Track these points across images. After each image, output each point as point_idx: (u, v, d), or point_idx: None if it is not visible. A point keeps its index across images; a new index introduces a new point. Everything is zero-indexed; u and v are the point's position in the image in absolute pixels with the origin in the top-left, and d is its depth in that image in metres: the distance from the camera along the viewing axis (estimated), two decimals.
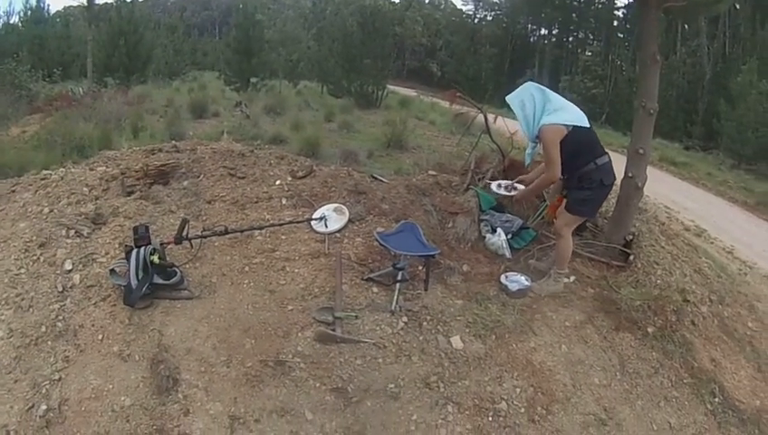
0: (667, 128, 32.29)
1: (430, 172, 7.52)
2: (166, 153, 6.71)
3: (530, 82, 5.27)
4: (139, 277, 4.53)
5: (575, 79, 50.65)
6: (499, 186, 5.81)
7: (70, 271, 4.80)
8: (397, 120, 14.29)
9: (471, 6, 75.07)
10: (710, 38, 39.16)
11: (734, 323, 5.84)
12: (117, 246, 5.04)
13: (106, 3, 32.40)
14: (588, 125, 5.09)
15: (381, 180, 6.87)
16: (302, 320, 4.62)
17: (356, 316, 4.63)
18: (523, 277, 5.46)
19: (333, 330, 4.44)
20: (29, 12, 37.69)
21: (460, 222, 6.17)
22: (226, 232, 5.15)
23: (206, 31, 67.61)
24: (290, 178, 6.47)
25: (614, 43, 56.10)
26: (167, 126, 13.31)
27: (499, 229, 6.13)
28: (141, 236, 4.74)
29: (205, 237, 5.12)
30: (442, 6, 79.14)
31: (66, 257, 4.90)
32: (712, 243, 10.66)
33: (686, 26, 40.41)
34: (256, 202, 6.01)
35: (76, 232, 5.18)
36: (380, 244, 5.18)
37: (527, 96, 5.09)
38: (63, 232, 5.15)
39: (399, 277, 4.90)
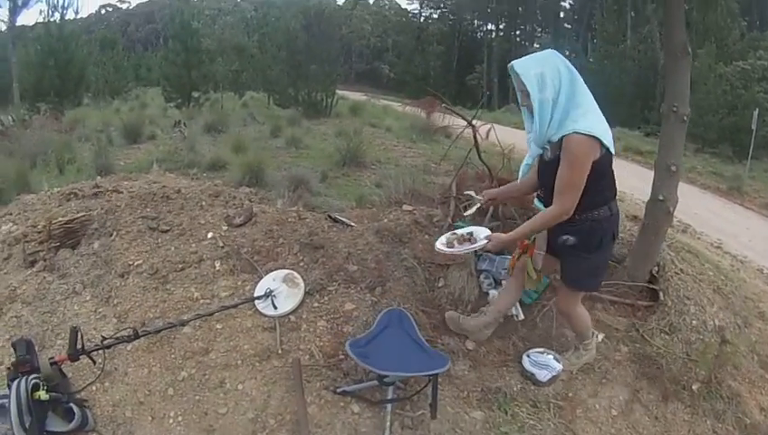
0: (624, 115, 32.69)
1: (405, 207, 5.97)
2: (80, 200, 5.68)
3: (553, 52, 3.43)
4: (26, 425, 3.21)
5: None
6: (450, 243, 3.81)
7: None
8: (350, 131, 13.34)
9: (416, 5, 76.44)
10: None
11: (764, 347, 5.18)
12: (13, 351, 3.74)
13: (38, 21, 30.65)
14: (613, 150, 3.43)
15: (344, 222, 5.36)
16: None
17: None
18: (551, 357, 4.17)
19: None
20: None
21: (453, 277, 4.76)
22: (136, 336, 3.75)
23: (150, 45, 66.63)
24: (225, 228, 5.06)
25: (562, 34, 57.87)
26: (94, 157, 11.89)
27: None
28: (21, 361, 3.47)
29: (108, 347, 3.72)
30: (387, 6, 79.47)
31: None
32: (699, 238, 10.63)
33: (633, 13, 41.20)
34: (182, 270, 4.59)
35: None
36: (357, 362, 3.56)
37: (551, 70, 3.32)
38: None
39: (390, 396, 3.45)
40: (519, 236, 3.70)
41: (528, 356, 4.18)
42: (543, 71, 3.31)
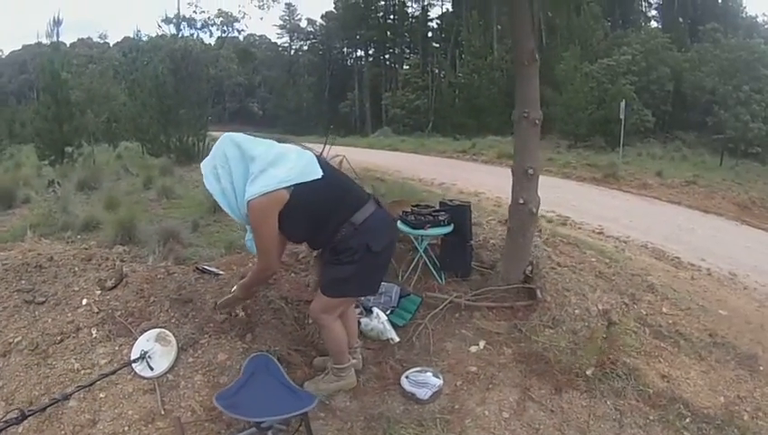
0: (496, 124, 34.46)
1: None
2: None
3: (226, 135, 3.68)
4: None
5: (396, 94, 53.19)
6: None
7: None
8: None
9: (286, 38, 76.45)
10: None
11: (655, 318, 5.56)
12: None
13: None
14: (320, 174, 3.57)
15: (212, 272, 5.34)
16: None
17: None
18: (429, 373, 4.26)
19: None
20: None
21: None
22: (23, 417, 3.60)
23: (24, 97, 63.71)
24: (99, 292, 4.92)
25: (431, 53, 59.47)
26: None
27: (375, 309, 4.89)
28: None
29: None
30: (257, 42, 79.12)
31: None
32: (580, 229, 11.15)
33: (500, 27, 42.43)
34: (61, 341, 4.43)
35: None
36: (227, 414, 3.53)
37: (219, 159, 3.55)
38: None
39: None
40: (244, 289, 4.19)
41: (407, 377, 4.22)
42: (215, 163, 3.57)
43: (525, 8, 5.10)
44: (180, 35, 42.10)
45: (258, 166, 3.45)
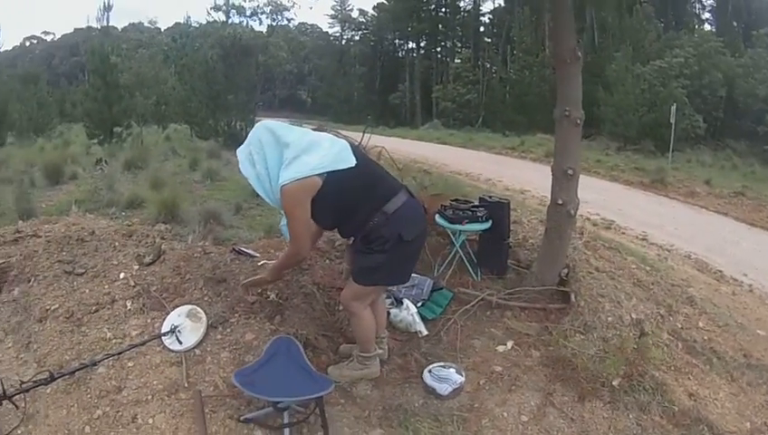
0: (546, 122, 32.62)
1: None
2: (0, 247, 5.45)
3: (261, 123, 3.76)
4: None
5: (447, 87, 52.39)
6: None
7: None
8: None
9: (338, 28, 76.48)
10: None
11: (690, 333, 5.33)
12: None
13: None
14: (354, 162, 3.59)
15: (248, 254, 5.41)
16: None
17: None
18: (452, 370, 4.20)
19: None
20: None
21: None
22: (52, 379, 3.74)
23: (74, 79, 64.43)
24: (136, 267, 5.05)
25: (482, 48, 58.64)
26: (16, 201, 11.66)
27: (405, 301, 4.87)
28: None
29: (27, 391, 3.70)
30: (308, 31, 79.21)
31: None
32: (623, 233, 10.90)
33: (551, 23, 41.81)
34: (96, 311, 4.57)
35: None
36: (244, 391, 3.61)
37: (254, 145, 3.60)
38: None
39: (286, 421, 3.51)
40: (273, 272, 4.15)
41: (429, 371, 4.19)
42: (250, 148, 3.62)
43: (567, 5, 5.02)
44: (230, 22, 42.37)
45: (292, 152, 3.48)
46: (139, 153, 17.98)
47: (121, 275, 4.95)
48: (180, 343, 4.19)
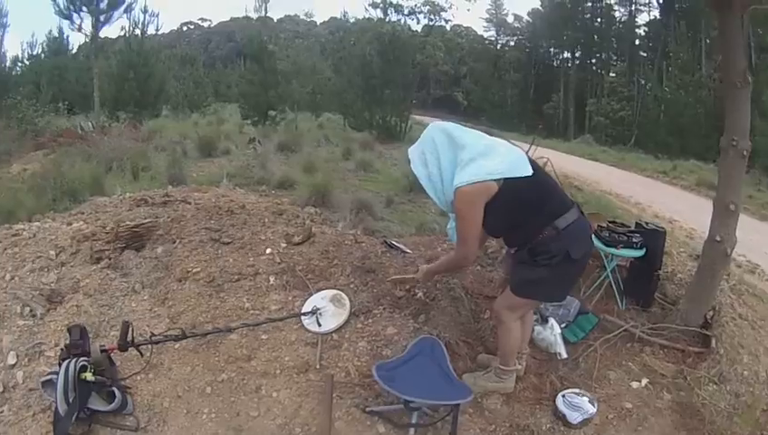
0: (699, 148, 30.95)
1: None
2: (149, 207, 5.82)
3: (434, 123, 3.65)
4: (69, 400, 3.34)
5: (601, 101, 51.20)
6: None
7: (13, 366, 3.85)
8: None
9: (492, 32, 76.21)
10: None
11: None
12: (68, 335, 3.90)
13: (120, 36, 31.36)
14: (530, 171, 3.43)
15: (400, 249, 5.42)
16: None
17: None
18: (586, 399, 4.00)
19: None
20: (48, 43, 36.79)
21: None
22: (184, 336, 3.89)
23: (230, 63, 67.48)
24: (284, 245, 5.19)
25: (637, 63, 56.66)
26: (168, 167, 12.20)
27: (551, 319, 4.69)
28: (74, 344, 3.59)
29: (156, 343, 3.87)
30: (464, 33, 79.32)
31: (11, 348, 3.96)
32: None
33: (708, 40, 39.84)
34: (237, 280, 4.74)
35: (30, 310, 4.29)
36: (380, 385, 3.55)
37: (428, 144, 3.52)
38: (18, 308, 4.28)
39: (414, 421, 3.48)
40: (437, 269, 4.10)
41: (563, 396, 4.02)
42: (423, 148, 3.54)
43: (737, 23, 4.55)
44: (388, 20, 42.81)
45: (468, 154, 3.39)
46: (293, 137, 18.56)
47: (268, 251, 5.10)
48: (320, 325, 4.26)
